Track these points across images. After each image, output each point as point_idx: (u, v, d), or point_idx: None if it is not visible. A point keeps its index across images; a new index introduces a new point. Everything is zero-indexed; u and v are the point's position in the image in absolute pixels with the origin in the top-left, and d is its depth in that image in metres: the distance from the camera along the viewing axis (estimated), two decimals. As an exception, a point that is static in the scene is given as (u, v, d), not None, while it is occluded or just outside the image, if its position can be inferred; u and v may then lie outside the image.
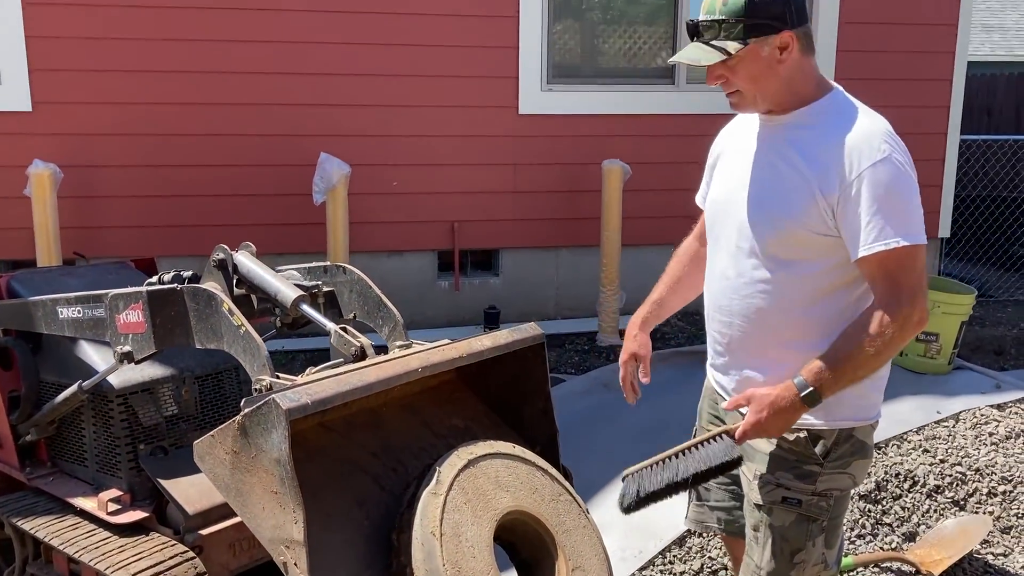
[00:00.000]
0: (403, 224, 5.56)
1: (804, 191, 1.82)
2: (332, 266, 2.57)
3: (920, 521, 3.04)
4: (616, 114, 5.64)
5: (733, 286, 1.97)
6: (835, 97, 1.91)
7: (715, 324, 2.05)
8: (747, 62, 1.85)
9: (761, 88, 1.88)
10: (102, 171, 5.13)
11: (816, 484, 1.93)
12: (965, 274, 7.38)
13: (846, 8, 5.90)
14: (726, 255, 1.99)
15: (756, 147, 1.97)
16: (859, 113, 1.87)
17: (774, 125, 1.94)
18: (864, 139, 1.80)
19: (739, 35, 1.82)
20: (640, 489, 1.96)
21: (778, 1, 1.83)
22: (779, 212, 1.86)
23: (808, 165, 1.83)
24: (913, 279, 1.77)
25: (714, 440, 1.91)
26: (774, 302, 1.91)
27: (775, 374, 1.92)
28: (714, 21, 1.84)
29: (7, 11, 4.91)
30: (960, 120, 6.28)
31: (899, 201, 1.77)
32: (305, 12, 5.21)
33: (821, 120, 1.87)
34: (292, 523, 1.75)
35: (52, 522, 2.55)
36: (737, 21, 1.82)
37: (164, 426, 2.65)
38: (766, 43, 1.83)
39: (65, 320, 2.51)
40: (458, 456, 2.03)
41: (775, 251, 1.88)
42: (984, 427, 3.52)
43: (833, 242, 1.83)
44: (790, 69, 1.86)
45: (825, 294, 1.87)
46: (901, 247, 1.75)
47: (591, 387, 4.03)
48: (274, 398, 1.73)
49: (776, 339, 1.92)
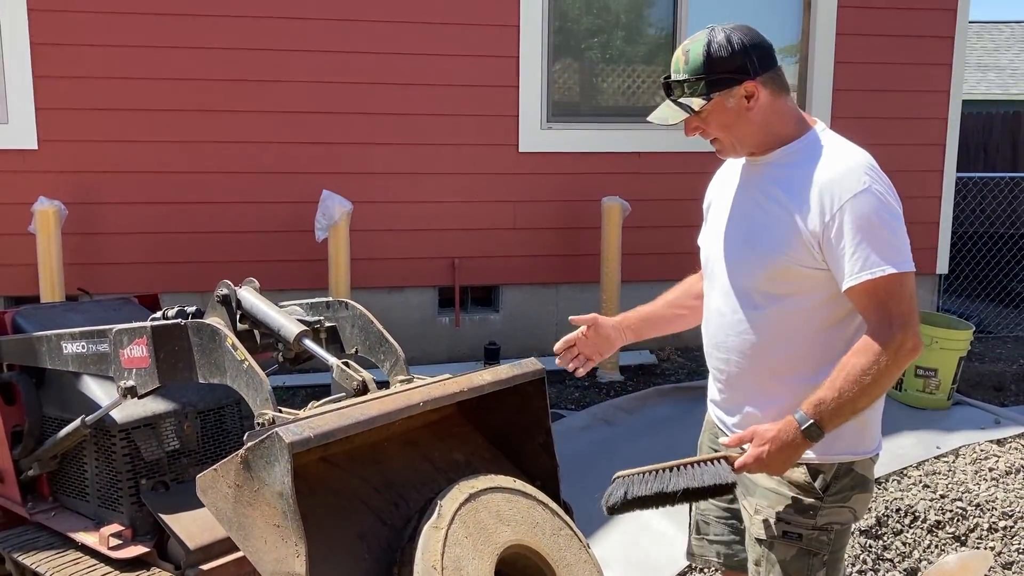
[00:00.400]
0: (404, 260, 5.60)
1: (790, 227, 1.86)
2: (334, 301, 2.60)
3: (921, 556, 3.03)
4: (615, 152, 5.71)
5: (728, 322, 2.00)
6: (815, 134, 1.96)
7: (713, 361, 2.08)
8: (715, 114, 1.91)
9: (736, 135, 1.94)
10: (106, 208, 5.19)
11: (817, 518, 1.94)
12: (964, 310, 7.40)
13: (841, 48, 6.00)
14: (720, 293, 2.03)
15: (743, 188, 2.02)
16: (840, 148, 1.91)
17: (758, 165, 1.99)
18: (844, 173, 1.84)
19: (702, 91, 1.89)
20: (628, 492, 1.98)
21: (737, 55, 1.88)
22: (767, 248, 1.90)
23: (792, 201, 1.87)
24: (903, 307, 1.79)
25: (712, 463, 1.92)
26: (768, 337, 1.94)
27: (773, 409, 1.94)
28: (678, 81, 1.92)
29: (15, 51, 5.00)
30: (956, 158, 6.35)
31: (882, 230, 1.80)
32: (308, 52, 5.30)
33: (803, 157, 1.91)
34: (294, 556, 1.75)
35: (53, 557, 2.56)
36: (698, 79, 1.88)
37: (166, 461, 2.66)
38: (730, 95, 1.89)
39: (69, 355, 2.53)
40: (459, 490, 2.04)
41: (766, 287, 1.92)
42: (984, 462, 3.52)
43: (823, 275, 1.86)
44: (762, 113, 1.91)
45: (819, 328, 1.90)
46: (888, 275, 1.77)
47: (591, 423, 4.04)
48: (277, 431, 1.74)
49: (772, 374, 1.94)
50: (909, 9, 6.09)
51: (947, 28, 6.17)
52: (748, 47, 1.89)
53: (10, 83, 5.02)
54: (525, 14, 5.53)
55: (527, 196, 5.69)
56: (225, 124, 5.27)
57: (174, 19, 5.15)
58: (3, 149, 5.08)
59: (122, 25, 5.09)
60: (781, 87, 1.94)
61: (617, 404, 4.27)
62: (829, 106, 6.04)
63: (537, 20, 5.55)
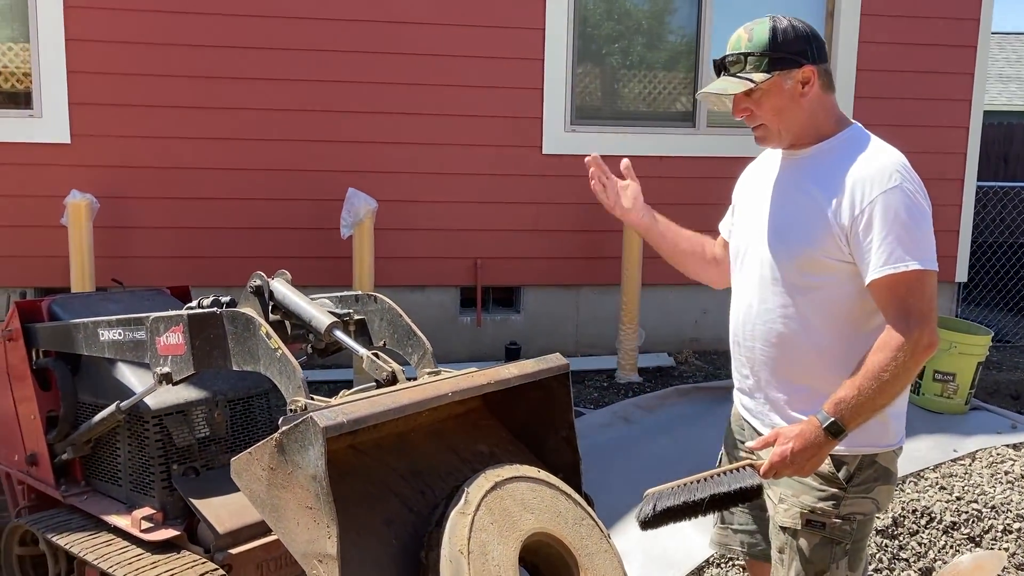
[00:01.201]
0: (427, 260, 5.66)
1: (820, 219, 1.90)
2: (363, 295, 2.66)
3: (936, 557, 3.05)
4: (638, 155, 5.71)
5: (756, 312, 2.05)
6: (853, 132, 2.00)
7: (740, 350, 2.13)
8: (771, 94, 1.94)
9: (784, 121, 1.97)
10: (136, 202, 5.28)
11: (840, 508, 1.97)
12: (982, 319, 7.38)
13: (864, 56, 6.02)
14: (749, 285, 2.07)
15: (777, 181, 2.06)
16: (875, 146, 1.96)
17: (795, 159, 2.03)
18: (877, 170, 1.88)
19: (764, 67, 1.92)
20: (657, 505, 2.02)
21: (800, 38, 1.94)
22: (798, 240, 1.94)
23: (824, 194, 1.91)
24: (923, 303, 1.83)
25: (737, 470, 1.97)
26: (794, 327, 1.98)
27: (797, 396, 1.99)
28: (740, 55, 1.95)
29: (51, 46, 5.10)
30: (977, 167, 6.35)
31: (909, 227, 1.84)
32: (336, 52, 5.38)
33: (838, 154, 1.96)
34: (326, 538, 1.81)
35: (86, 538, 2.62)
36: (762, 54, 1.92)
37: (196, 447, 2.72)
38: (789, 76, 1.93)
39: (106, 342, 2.60)
40: (485, 478, 2.09)
41: (795, 278, 1.96)
42: (1000, 466, 3.54)
43: (850, 269, 1.90)
44: (812, 103, 1.96)
45: (844, 320, 1.94)
46: (911, 271, 1.81)
47: (611, 420, 4.09)
48: (312, 416, 1.80)
49: (797, 363, 1.98)
50: (932, 18, 6.10)
51: (970, 38, 6.17)
52: (810, 35, 1.95)
53: (45, 78, 5.13)
54: (551, 18, 5.58)
55: (550, 198, 5.74)
56: (254, 122, 5.35)
57: (205, 17, 5.24)
58: (38, 143, 5.18)
59: (154, 23, 5.18)
60: (830, 83, 1.99)
61: (636, 403, 4.32)
62: (851, 113, 6.05)
63: (562, 24, 5.60)
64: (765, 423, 2.11)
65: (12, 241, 5.21)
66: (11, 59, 5.25)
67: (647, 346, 5.65)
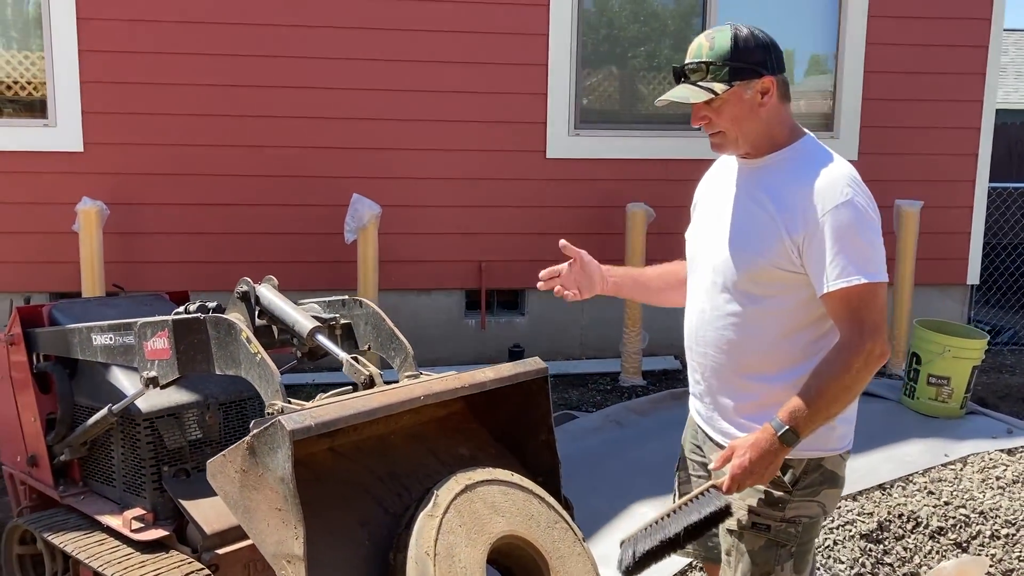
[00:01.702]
0: (432, 263, 5.72)
1: (773, 231, 1.92)
2: (349, 299, 2.70)
3: (922, 562, 3.04)
4: (641, 158, 5.77)
5: (708, 319, 2.07)
6: (805, 143, 2.02)
7: (692, 355, 2.15)
8: (731, 104, 1.96)
9: (742, 130, 1.99)
10: (146, 209, 5.38)
11: (785, 511, 1.99)
12: (997, 322, 7.31)
13: (871, 57, 5.99)
14: (703, 290, 2.10)
15: (732, 189, 2.08)
16: (827, 159, 1.97)
17: (749, 169, 2.05)
18: (829, 183, 1.90)
19: (724, 77, 1.94)
20: (636, 551, 2.04)
21: (760, 48, 1.95)
22: (750, 250, 1.96)
23: (777, 207, 1.93)
24: (875, 315, 1.86)
25: (701, 495, 1.99)
26: (744, 335, 2.00)
27: (745, 402, 2.02)
28: (701, 63, 1.96)
29: (64, 57, 5.22)
30: (989, 168, 6.30)
31: (860, 241, 1.86)
32: (341, 60, 5.45)
33: (791, 165, 1.98)
34: (293, 539, 1.85)
35: (80, 538, 2.69)
36: (723, 64, 1.94)
37: (188, 449, 2.78)
38: (748, 87, 1.95)
39: (98, 346, 2.67)
40: (456, 481, 2.13)
41: (746, 287, 1.98)
42: (992, 471, 3.51)
43: (800, 279, 1.92)
44: (769, 113, 1.98)
45: (793, 329, 1.96)
46: (863, 284, 1.84)
47: (603, 424, 4.11)
48: (279, 419, 1.85)
49: (746, 369, 2.00)
50: (941, 19, 6.05)
51: (981, 37, 6.12)
52: (769, 45, 1.97)
53: (59, 88, 5.25)
54: (554, 23, 5.62)
55: (554, 201, 5.77)
56: (260, 129, 5.43)
57: (212, 27, 5.33)
58: (52, 151, 5.30)
59: (164, 33, 5.28)
60: (787, 93, 2.02)
61: (629, 406, 4.33)
62: (859, 115, 6.03)
63: (566, 29, 5.63)
64: (715, 428, 2.13)
65: (27, 247, 5.33)
66: (27, 68, 5.37)
67: (652, 349, 5.65)
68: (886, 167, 6.09)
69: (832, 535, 3.09)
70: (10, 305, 3.23)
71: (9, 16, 5.39)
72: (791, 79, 6.19)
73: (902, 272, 5.59)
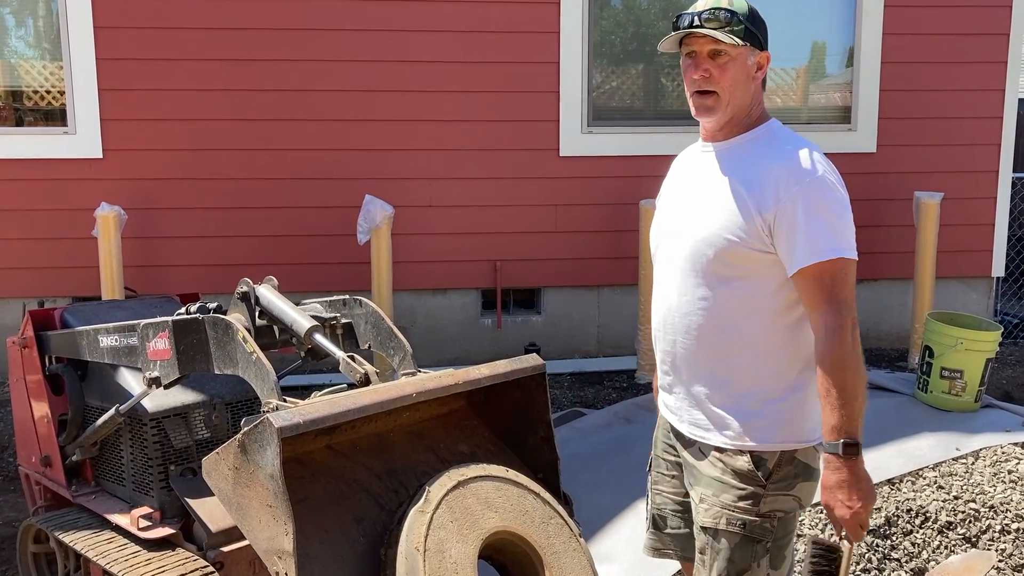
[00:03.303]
0: (447, 263, 5.74)
1: (743, 210, 1.91)
2: (350, 299, 2.72)
3: (930, 557, 2.99)
4: (653, 155, 5.73)
5: (676, 305, 2.05)
6: (772, 125, 2.03)
7: (661, 344, 2.13)
8: (736, 63, 1.95)
9: (735, 94, 1.97)
10: (163, 213, 5.46)
11: (760, 506, 1.97)
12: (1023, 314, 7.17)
13: (889, 48, 5.91)
14: (671, 277, 2.07)
15: (698, 173, 2.07)
16: (794, 138, 1.97)
17: (716, 151, 2.04)
18: (799, 160, 1.89)
19: (741, 34, 1.94)
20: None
21: (764, 26, 2.00)
22: (720, 230, 1.94)
23: (746, 186, 1.92)
24: (847, 292, 1.85)
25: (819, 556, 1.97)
26: (713, 319, 1.98)
27: (718, 391, 2.00)
28: (723, 11, 1.93)
29: (83, 66, 5.31)
30: (1012, 158, 6.19)
31: (832, 217, 1.85)
32: (352, 62, 5.49)
33: (759, 144, 1.98)
34: (284, 535, 1.88)
35: (89, 536, 2.74)
36: (742, 22, 1.94)
37: (194, 449, 2.82)
38: (752, 53, 1.96)
39: (105, 348, 2.72)
40: (448, 477, 2.14)
41: (716, 269, 1.96)
42: (1004, 464, 3.44)
43: (771, 260, 1.90)
44: (756, 87, 1.99)
45: (764, 312, 1.94)
46: (835, 259, 1.83)
47: (611, 421, 4.09)
48: (268, 417, 1.87)
49: (716, 356, 1.97)
50: (960, 7, 5.96)
51: (1002, 25, 6.02)
52: (766, 28, 2.00)
53: (78, 96, 5.34)
54: (565, 21, 5.61)
55: (568, 199, 5.76)
56: (274, 132, 5.49)
57: (226, 33, 5.39)
58: (72, 158, 5.40)
59: (179, 40, 5.36)
60: (765, 77, 2.04)
61: (638, 402, 4.31)
62: (876, 107, 5.95)
63: (577, 27, 5.63)
64: (683, 419, 2.10)
65: (48, 253, 5.43)
66: (47, 78, 5.48)
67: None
68: (905, 159, 6.01)
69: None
70: (23, 309, 3.28)
71: (28, 26, 5.50)
72: (811, 71, 6.16)
73: (923, 265, 5.51)
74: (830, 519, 1.90)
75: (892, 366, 5.64)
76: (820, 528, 3.09)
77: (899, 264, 5.94)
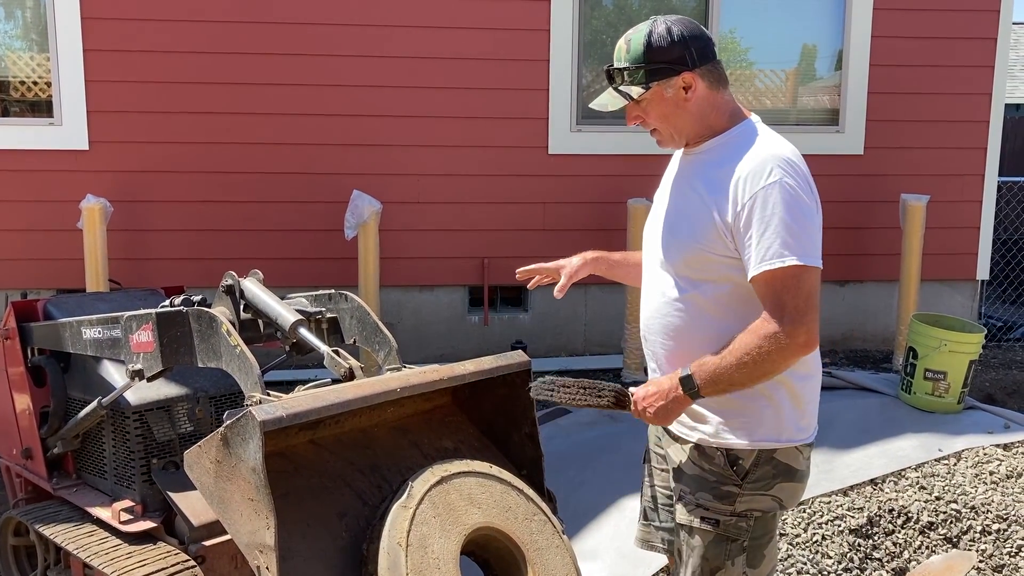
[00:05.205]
0: (435, 260, 5.73)
1: (706, 216, 1.92)
2: (336, 294, 2.72)
3: (911, 557, 3.01)
4: (642, 154, 5.74)
5: (655, 306, 2.07)
6: (744, 127, 2.00)
7: (647, 344, 2.15)
8: (654, 103, 1.98)
9: (673, 125, 2.00)
10: (149, 206, 5.43)
11: (735, 504, 1.97)
12: (1008, 317, 7.23)
13: (877, 51, 5.94)
14: (650, 277, 2.10)
15: (676, 178, 2.10)
16: (762, 141, 1.95)
17: (689, 156, 2.06)
18: (758, 164, 1.88)
19: (641, 80, 1.95)
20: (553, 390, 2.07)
21: (676, 46, 1.94)
22: (686, 236, 1.96)
23: (709, 191, 1.93)
24: (799, 300, 1.82)
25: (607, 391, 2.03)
26: (688, 320, 2.00)
27: None
28: (619, 69, 1.98)
29: (69, 58, 5.27)
30: (998, 162, 6.23)
31: (787, 222, 1.82)
32: (340, 57, 5.47)
33: (725, 150, 1.97)
34: (265, 529, 1.87)
35: (70, 529, 2.73)
36: (638, 68, 1.95)
37: (177, 442, 2.81)
38: (668, 85, 1.95)
39: (88, 340, 2.70)
40: (432, 472, 2.14)
41: (686, 272, 1.98)
42: (986, 466, 3.47)
43: (737, 264, 1.91)
44: (699, 105, 1.97)
45: (735, 314, 1.93)
46: (787, 267, 1.81)
47: (597, 418, 4.10)
48: (251, 410, 1.86)
49: (693, 356, 1.97)
50: (948, 11, 5.99)
51: (989, 29, 6.05)
52: (687, 39, 1.95)
53: (64, 88, 5.30)
54: (555, 19, 5.61)
55: (556, 197, 5.77)
56: (262, 126, 5.47)
57: (215, 26, 5.36)
58: (57, 150, 5.36)
59: (167, 32, 5.32)
60: (719, 80, 1.99)
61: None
62: (864, 109, 5.98)
63: (567, 24, 5.63)
64: None
65: (33, 244, 5.39)
66: (33, 69, 5.43)
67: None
68: (892, 162, 6.04)
69: (821, 530, 3.07)
70: (5, 300, 3.26)
71: (16, 17, 5.45)
72: (800, 73, 6.17)
73: (908, 267, 5.54)
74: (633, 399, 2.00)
75: (877, 367, 5.67)
76: (803, 527, 3.11)
77: (885, 266, 5.97)
